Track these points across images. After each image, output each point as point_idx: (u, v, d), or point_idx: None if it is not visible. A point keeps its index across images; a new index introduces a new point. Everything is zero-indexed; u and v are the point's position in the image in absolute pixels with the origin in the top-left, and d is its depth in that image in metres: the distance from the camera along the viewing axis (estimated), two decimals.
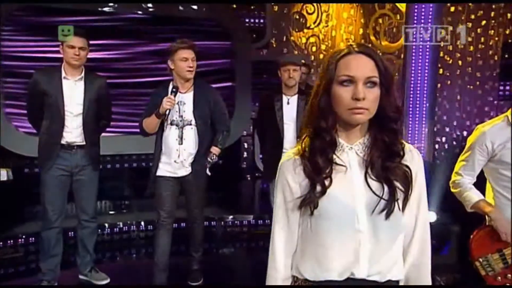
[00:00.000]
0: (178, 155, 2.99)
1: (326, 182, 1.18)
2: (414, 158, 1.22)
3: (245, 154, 6.29)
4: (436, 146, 7.02)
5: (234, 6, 6.11)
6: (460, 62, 6.81)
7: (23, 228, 4.09)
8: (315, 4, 6.71)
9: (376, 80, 1.15)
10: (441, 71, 6.85)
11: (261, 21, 6.36)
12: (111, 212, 4.79)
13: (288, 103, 3.30)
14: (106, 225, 4.22)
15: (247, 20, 6.21)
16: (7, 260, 3.77)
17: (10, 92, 5.02)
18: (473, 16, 6.74)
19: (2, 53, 4.92)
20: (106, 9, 5.35)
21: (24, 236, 3.89)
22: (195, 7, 5.64)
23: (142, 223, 4.34)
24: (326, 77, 1.18)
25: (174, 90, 2.89)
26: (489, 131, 2.21)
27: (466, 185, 2.29)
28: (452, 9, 6.78)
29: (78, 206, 3.21)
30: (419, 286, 1.26)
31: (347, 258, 1.17)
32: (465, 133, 6.03)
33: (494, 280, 2.18)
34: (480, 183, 2.38)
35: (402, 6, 6.06)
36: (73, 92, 3.01)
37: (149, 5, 5.49)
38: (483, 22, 6.39)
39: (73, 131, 3.03)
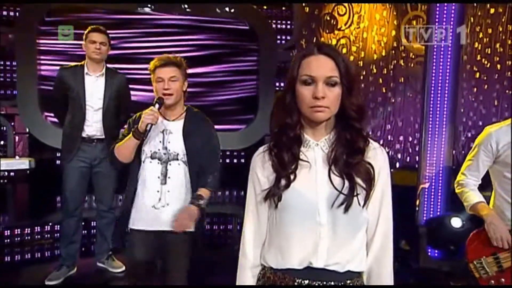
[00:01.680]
0: (158, 198, 2.27)
1: (291, 177, 1.23)
2: (377, 156, 1.25)
3: None
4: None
5: (265, 7, 6.19)
6: (499, 66, 6.59)
7: (52, 216, 4.35)
8: (347, 6, 6.68)
9: (337, 79, 1.19)
10: (477, 75, 6.66)
11: (289, 22, 6.41)
12: None
13: None
14: None
15: (275, 21, 6.27)
16: (35, 245, 4.03)
17: (46, 88, 5.29)
18: None
19: (40, 49, 5.20)
20: (145, 9, 5.55)
21: (51, 224, 4.12)
22: (227, 8, 5.76)
23: None
24: (290, 76, 1.23)
25: (158, 101, 2.23)
26: (495, 132, 2.22)
27: (470, 186, 2.29)
28: (492, 10, 6.57)
29: (96, 197, 3.39)
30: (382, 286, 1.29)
31: (306, 249, 1.22)
32: None
33: (487, 283, 2.16)
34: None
35: None
36: (94, 88, 3.18)
37: (186, 5, 5.65)
38: None
39: (93, 125, 3.20)
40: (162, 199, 2.28)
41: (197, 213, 2.26)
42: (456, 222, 3.82)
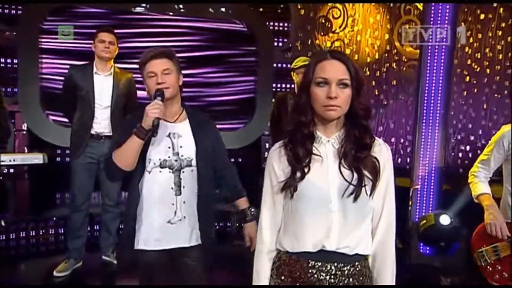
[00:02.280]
0: (174, 211, 1.99)
1: (305, 170, 1.38)
2: (382, 151, 1.40)
3: (265, 154, 6.46)
4: (460, 154, 7.00)
5: (261, 9, 6.32)
6: (488, 70, 6.78)
7: (56, 211, 4.45)
8: (341, 9, 6.83)
9: (348, 82, 1.33)
10: (467, 78, 6.85)
11: (286, 24, 6.55)
12: None
13: None
14: None
15: (271, 23, 6.40)
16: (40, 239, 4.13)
17: (48, 86, 5.37)
18: (503, 24, 6.69)
19: (42, 47, 5.27)
20: (137, 9, 5.64)
21: (55, 218, 4.22)
22: (223, 9, 5.87)
23: None
24: (305, 79, 1.38)
25: (159, 94, 1.93)
26: (508, 131, 2.43)
27: (480, 178, 2.50)
28: (482, 16, 6.76)
29: (103, 192, 3.50)
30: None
31: (320, 234, 1.36)
32: None
33: (486, 270, 2.40)
34: None
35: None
36: (103, 86, 3.30)
37: (181, 5, 5.75)
38: None
39: (101, 122, 3.31)
40: (178, 212, 2.00)
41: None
42: (445, 220, 3.98)
